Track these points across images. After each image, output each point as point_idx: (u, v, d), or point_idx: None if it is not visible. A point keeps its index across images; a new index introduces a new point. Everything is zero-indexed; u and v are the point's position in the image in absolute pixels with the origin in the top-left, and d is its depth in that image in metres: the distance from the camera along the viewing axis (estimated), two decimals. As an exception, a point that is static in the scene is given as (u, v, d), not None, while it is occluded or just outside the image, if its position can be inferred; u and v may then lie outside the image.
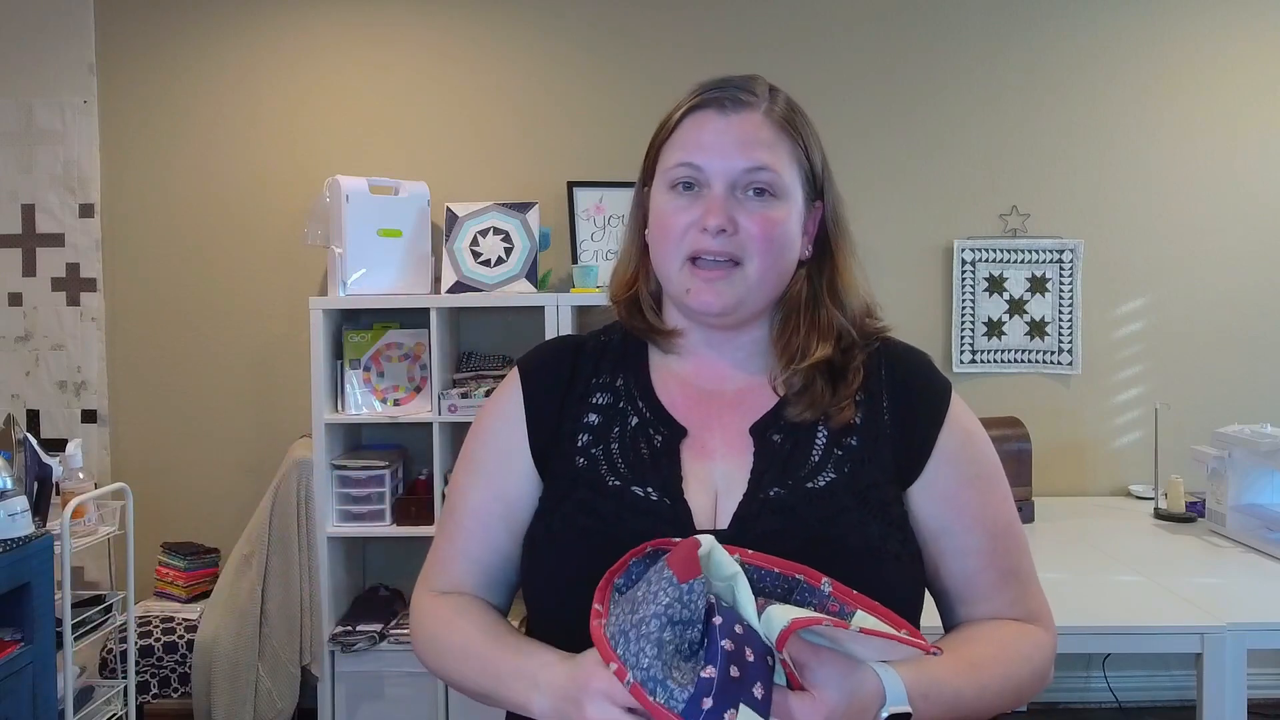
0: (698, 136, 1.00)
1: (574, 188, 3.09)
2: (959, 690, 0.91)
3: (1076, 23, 3.22)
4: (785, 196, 1.00)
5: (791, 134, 1.01)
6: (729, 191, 0.99)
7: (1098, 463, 3.26)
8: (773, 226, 0.99)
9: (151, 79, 3.22)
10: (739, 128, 0.99)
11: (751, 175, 0.99)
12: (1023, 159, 3.23)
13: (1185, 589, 2.17)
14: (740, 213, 0.99)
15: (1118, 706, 3.16)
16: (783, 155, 1.00)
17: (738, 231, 0.98)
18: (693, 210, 0.99)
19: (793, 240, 1.02)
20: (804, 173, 1.02)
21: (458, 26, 3.22)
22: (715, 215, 0.98)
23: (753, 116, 1.00)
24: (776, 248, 1.00)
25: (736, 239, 0.99)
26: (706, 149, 0.99)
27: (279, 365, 3.21)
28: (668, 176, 1.02)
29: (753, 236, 0.98)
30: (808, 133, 1.03)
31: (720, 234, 0.98)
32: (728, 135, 0.99)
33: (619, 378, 1.08)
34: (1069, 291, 3.22)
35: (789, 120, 1.02)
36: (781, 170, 1.00)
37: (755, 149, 0.99)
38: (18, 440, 2.54)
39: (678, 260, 1.01)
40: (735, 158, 0.99)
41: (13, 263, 3.23)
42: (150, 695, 2.89)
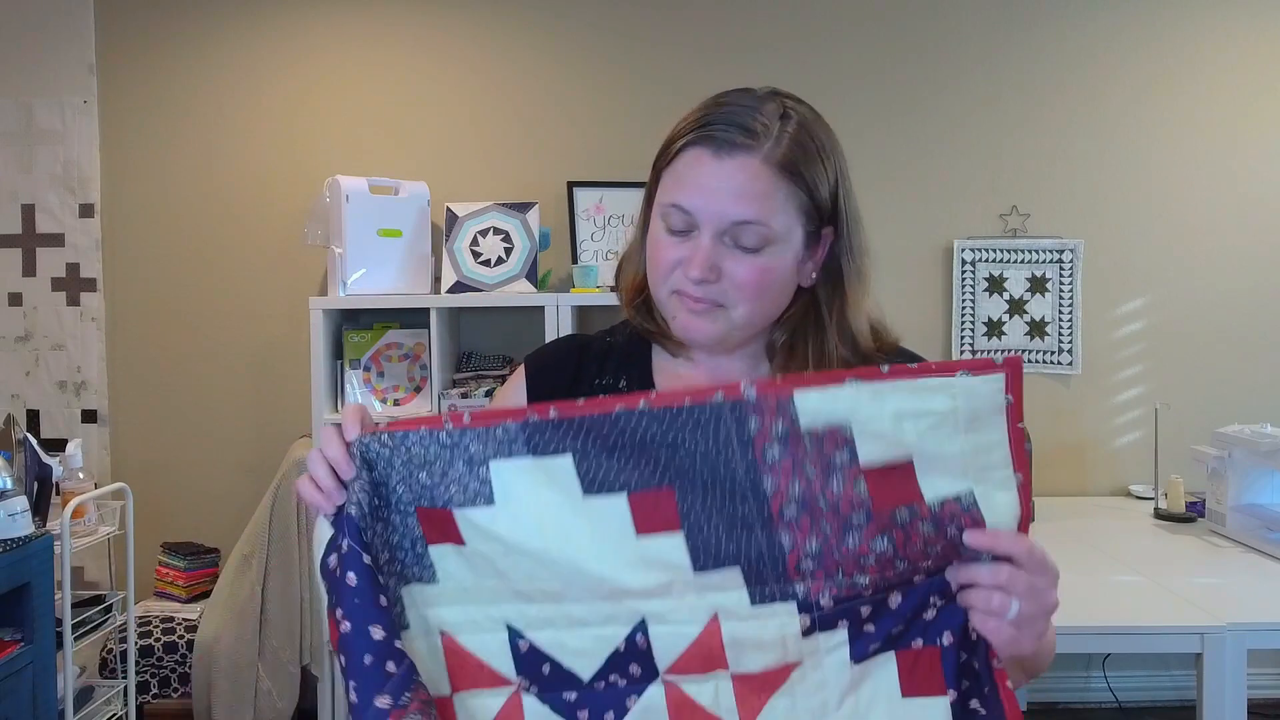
0: (692, 178, 0.97)
1: (574, 188, 3.09)
2: None
3: (1076, 23, 3.22)
4: (778, 244, 0.97)
5: (791, 177, 0.96)
6: (716, 239, 0.96)
7: (1098, 463, 3.26)
8: (760, 275, 0.97)
9: (151, 79, 3.22)
10: (733, 175, 0.95)
11: (740, 228, 0.96)
12: (1023, 159, 3.23)
13: (1185, 589, 2.17)
14: (727, 260, 0.97)
15: (1118, 706, 3.16)
16: (778, 202, 0.96)
17: (720, 279, 0.97)
18: (681, 250, 0.98)
19: (785, 282, 1.00)
20: (805, 212, 0.98)
21: (458, 26, 3.22)
22: (697, 266, 0.96)
23: (749, 163, 0.95)
24: (764, 293, 0.99)
25: (719, 286, 0.97)
26: (698, 193, 0.96)
27: (279, 365, 3.21)
28: (661, 210, 1.00)
29: (738, 284, 0.97)
30: (815, 167, 0.98)
31: (702, 283, 0.97)
32: (721, 182, 0.95)
33: (622, 379, 1.09)
34: (1069, 291, 3.22)
35: (791, 163, 0.96)
36: (773, 219, 0.96)
37: (746, 201, 0.95)
38: (18, 440, 2.54)
39: (664, 290, 1.01)
40: (726, 208, 0.95)
41: (13, 263, 3.23)
42: (150, 695, 2.89)
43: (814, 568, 0.84)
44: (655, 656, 0.88)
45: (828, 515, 0.83)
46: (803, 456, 0.83)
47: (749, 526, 0.84)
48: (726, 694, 0.87)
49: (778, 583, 0.85)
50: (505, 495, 0.87)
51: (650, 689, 0.88)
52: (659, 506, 0.85)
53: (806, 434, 0.82)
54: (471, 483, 0.87)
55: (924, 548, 0.83)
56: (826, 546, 0.83)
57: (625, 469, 0.86)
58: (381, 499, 0.89)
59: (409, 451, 0.88)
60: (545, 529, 0.87)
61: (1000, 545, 0.82)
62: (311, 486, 0.89)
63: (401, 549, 0.90)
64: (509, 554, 0.88)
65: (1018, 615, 0.81)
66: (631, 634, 0.88)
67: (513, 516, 0.87)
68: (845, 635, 0.85)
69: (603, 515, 0.86)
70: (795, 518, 0.83)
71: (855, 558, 0.83)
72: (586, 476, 0.86)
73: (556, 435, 0.86)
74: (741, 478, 0.84)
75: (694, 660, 0.87)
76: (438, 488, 0.88)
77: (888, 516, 0.82)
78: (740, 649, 0.86)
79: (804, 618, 0.85)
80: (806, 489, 0.83)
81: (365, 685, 0.84)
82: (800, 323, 1.03)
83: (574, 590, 0.87)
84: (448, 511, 0.88)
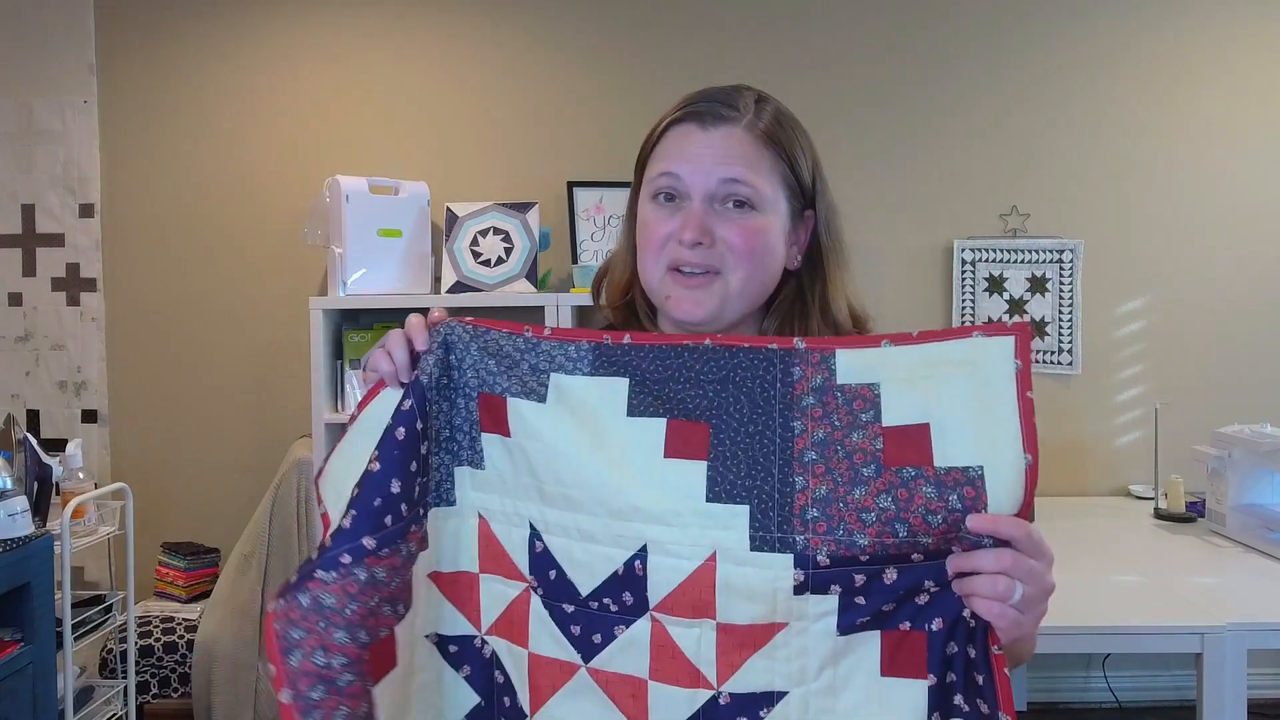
0: (679, 148, 1.02)
1: (574, 188, 3.09)
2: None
3: (1077, 23, 3.22)
4: (765, 209, 1.01)
5: (774, 147, 1.02)
6: (707, 204, 1.00)
7: (1098, 463, 3.26)
8: (752, 237, 1.00)
9: (151, 79, 3.22)
10: (719, 142, 1.01)
11: (729, 188, 1.00)
12: (1023, 159, 3.23)
13: (1185, 589, 2.18)
14: (719, 224, 1.00)
15: (1118, 706, 3.16)
16: (763, 169, 1.01)
17: (714, 244, 1.00)
18: (672, 222, 1.01)
19: (775, 250, 1.03)
20: (789, 184, 1.03)
21: (458, 27, 3.22)
22: (691, 229, 1.00)
23: (733, 131, 1.01)
24: (757, 257, 1.01)
25: (714, 251, 1.00)
26: (686, 160, 1.01)
27: (279, 365, 3.21)
28: (651, 187, 1.04)
29: (731, 247, 1.00)
30: (795, 145, 1.04)
31: (696, 246, 1.00)
32: (707, 148, 1.01)
33: None
34: (1069, 291, 3.23)
35: (772, 134, 1.02)
36: (760, 184, 1.01)
37: (734, 163, 1.00)
38: (18, 440, 2.54)
39: (659, 270, 1.03)
40: (713, 170, 1.00)
41: (13, 263, 3.23)
42: (150, 695, 2.89)
43: (818, 516, 0.85)
44: (648, 588, 0.89)
45: (842, 463, 0.86)
46: (833, 408, 0.88)
47: (768, 465, 0.88)
48: (709, 644, 0.88)
49: (780, 529, 0.86)
50: (556, 398, 0.93)
51: (638, 623, 0.90)
52: (692, 436, 0.90)
53: (840, 388, 0.88)
54: (531, 381, 0.94)
55: (925, 513, 0.84)
56: (834, 493, 0.85)
57: (673, 399, 0.91)
58: (451, 380, 0.96)
59: (485, 341, 0.96)
60: (581, 437, 0.92)
61: (1002, 529, 0.83)
62: (384, 356, 0.96)
63: (461, 431, 0.97)
64: (544, 453, 0.93)
65: (1021, 599, 0.83)
66: (631, 559, 0.90)
67: (555, 419, 0.93)
68: (835, 604, 0.86)
69: (638, 433, 0.91)
70: (813, 462, 0.87)
71: (858, 510, 0.84)
72: (635, 399, 0.92)
73: (620, 360, 0.93)
74: (775, 416, 0.89)
75: (684, 599, 0.88)
76: (500, 377, 0.95)
77: (895, 474, 0.85)
78: (731, 595, 0.87)
79: (798, 573, 0.85)
80: (829, 435, 0.87)
81: (362, 521, 0.90)
82: (789, 309, 1.06)
83: (590, 502, 0.91)
84: (503, 400, 0.95)
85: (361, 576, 0.89)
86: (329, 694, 0.87)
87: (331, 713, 0.87)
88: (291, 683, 0.87)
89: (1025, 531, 0.83)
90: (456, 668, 0.99)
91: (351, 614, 0.89)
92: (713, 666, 0.88)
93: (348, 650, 0.89)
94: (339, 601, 0.88)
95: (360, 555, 0.89)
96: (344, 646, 0.88)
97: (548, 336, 0.96)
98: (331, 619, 0.88)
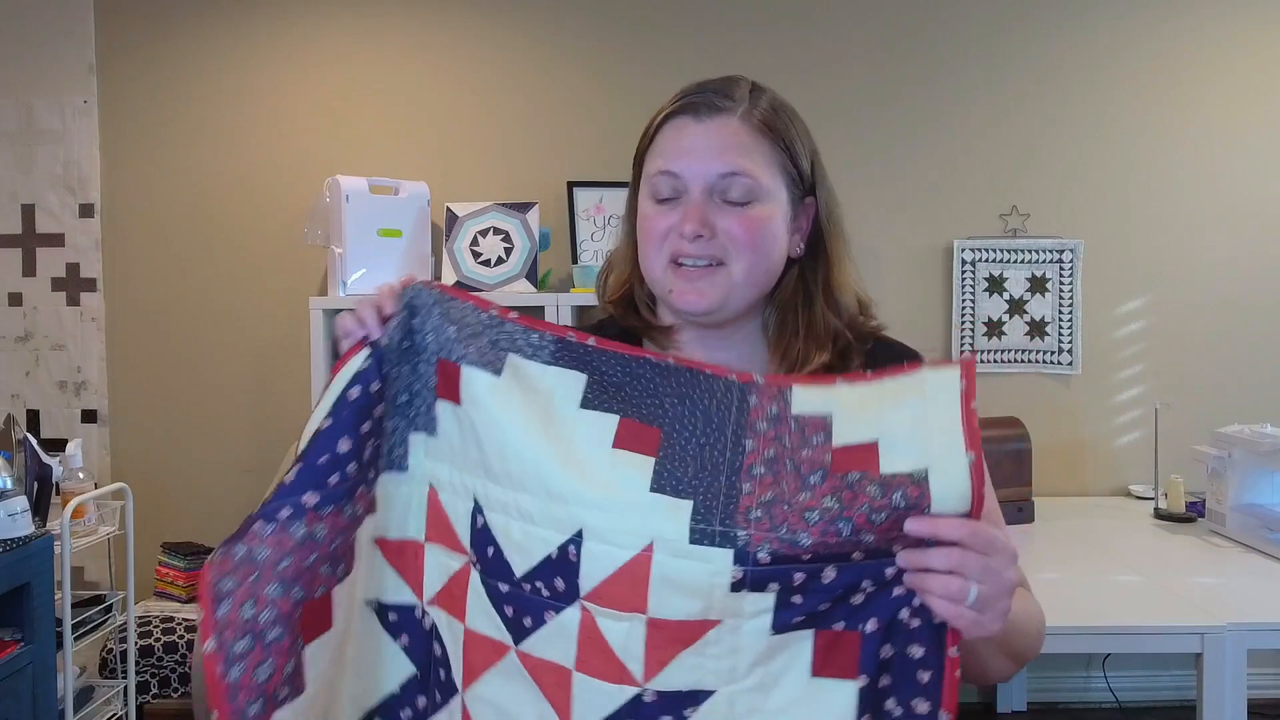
0: (675, 143, 1.02)
1: (574, 188, 3.09)
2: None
3: (1077, 23, 3.22)
4: (766, 198, 1.01)
5: (771, 136, 1.02)
6: (707, 196, 1.00)
7: (1098, 463, 3.26)
8: (754, 226, 1.00)
9: (151, 79, 3.22)
10: (715, 133, 1.00)
11: (728, 180, 1.00)
12: (1023, 159, 3.23)
13: (1185, 589, 2.18)
14: (719, 216, 1.00)
15: (1118, 706, 3.16)
16: (761, 158, 1.01)
17: (715, 235, 1.00)
18: (672, 216, 1.01)
19: (778, 238, 1.03)
20: (788, 173, 1.03)
21: (458, 27, 3.22)
22: (691, 221, 0.99)
23: (729, 122, 1.01)
24: (760, 247, 1.01)
25: (716, 242, 1.00)
26: (683, 155, 1.01)
27: (279, 365, 3.21)
28: (649, 184, 1.04)
29: (733, 238, 1.00)
30: (792, 133, 1.04)
31: (698, 239, 1.00)
32: (703, 141, 1.00)
33: None
34: (1069, 291, 3.22)
35: (768, 123, 1.02)
36: (759, 173, 1.00)
37: (731, 154, 1.00)
38: (18, 440, 2.54)
39: (660, 263, 1.03)
40: (711, 163, 1.00)
41: (13, 263, 3.23)
42: (150, 695, 2.89)
43: (761, 516, 0.84)
44: (580, 575, 0.88)
45: (789, 474, 0.86)
46: (784, 432, 0.88)
47: (716, 471, 0.88)
48: (637, 640, 0.86)
49: (722, 523, 0.85)
50: (511, 375, 0.93)
51: (568, 610, 0.89)
52: (644, 435, 0.90)
53: (795, 417, 0.89)
54: (489, 354, 0.94)
55: (869, 511, 0.83)
56: (779, 498, 0.85)
57: (629, 401, 0.92)
58: (413, 344, 0.95)
59: (448, 307, 0.96)
60: (530, 416, 0.91)
61: (941, 531, 0.82)
62: (354, 319, 0.96)
63: (420, 396, 0.96)
64: (489, 426, 0.92)
65: (977, 599, 0.81)
66: (565, 544, 0.88)
67: (507, 394, 0.92)
68: (772, 602, 0.85)
69: (589, 424, 0.91)
70: (761, 475, 0.87)
71: (802, 510, 0.84)
72: (591, 394, 0.92)
73: (582, 357, 0.94)
74: (728, 434, 0.89)
75: (617, 589, 0.87)
76: (458, 344, 0.94)
77: (840, 478, 0.84)
78: (665, 588, 0.86)
79: (738, 569, 0.84)
80: (778, 454, 0.87)
81: (306, 478, 0.89)
82: (791, 298, 1.06)
83: (530, 481, 0.90)
84: (458, 366, 0.94)
85: (299, 533, 0.88)
86: (254, 647, 0.85)
87: (256, 666, 0.85)
88: (218, 632, 0.85)
89: (969, 531, 0.81)
90: (394, 636, 0.98)
91: (285, 569, 0.88)
92: (640, 663, 0.87)
93: (278, 604, 0.87)
94: (273, 555, 0.87)
95: (300, 511, 0.89)
96: (274, 600, 0.87)
97: (513, 319, 0.96)
98: (264, 572, 0.87)
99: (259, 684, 0.85)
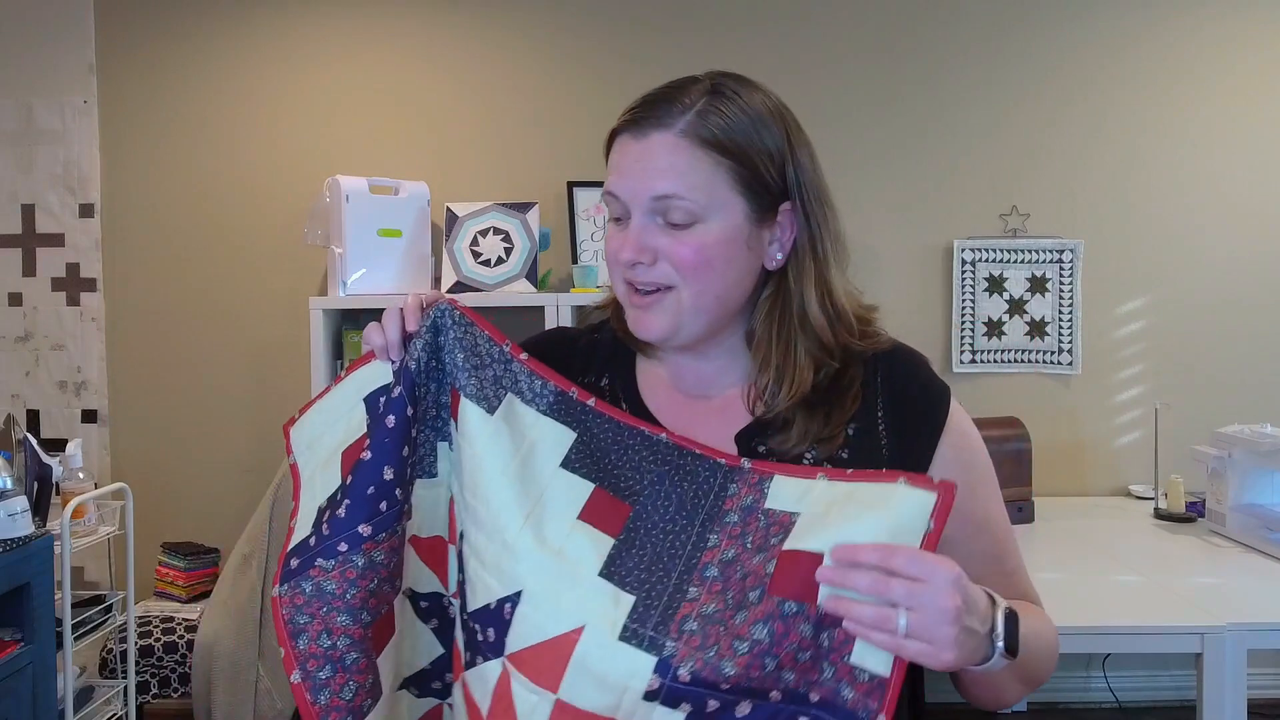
0: (618, 162, 0.98)
1: (574, 188, 3.09)
2: (1027, 620, 0.89)
3: (1077, 23, 3.22)
4: (712, 217, 0.94)
5: (719, 150, 0.94)
6: (648, 219, 0.95)
7: (1098, 463, 3.26)
8: (698, 252, 0.94)
9: (151, 79, 3.22)
10: (651, 153, 0.95)
11: (664, 203, 0.94)
12: (1023, 159, 3.23)
13: (1185, 589, 2.17)
14: (661, 239, 0.95)
15: (1118, 706, 3.16)
16: (702, 177, 0.94)
17: (656, 261, 0.96)
18: (619, 238, 0.98)
19: (731, 259, 0.96)
20: (744, 183, 0.95)
21: (458, 27, 3.22)
22: (628, 249, 0.96)
23: (665, 139, 0.94)
24: (707, 271, 0.95)
25: (658, 268, 0.96)
26: (623, 176, 0.96)
27: (279, 365, 3.21)
28: (605, 203, 1.01)
29: (677, 263, 0.95)
30: (752, 141, 0.95)
31: (636, 266, 0.96)
32: (639, 163, 0.95)
33: (605, 378, 1.08)
34: (1069, 291, 3.22)
35: (717, 137, 0.94)
36: (698, 194, 0.93)
37: (665, 177, 0.94)
38: (18, 440, 2.54)
39: (621, 288, 1.01)
40: (645, 185, 0.95)
41: (13, 263, 3.23)
42: (150, 695, 2.89)
43: (695, 631, 0.83)
44: (509, 633, 0.89)
45: (735, 584, 0.84)
46: (752, 529, 0.87)
47: (671, 567, 0.87)
48: (542, 717, 0.86)
49: (655, 628, 0.84)
50: (505, 415, 0.95)
51: (492, 662, 0.91)
52: (613, 511, 0.91)
53: (766, 512, 0.88)
54: (489, 389, 0.96)
55: (796, 650, 0.81)
56: (719, 614, 0.83)
57: (608, 471, 0.93)
58: (439, 361, 0.99)
59: (464, 333, 0.99)
60: (508, 464, 0.93)
61: (860, 556, 0.79)
62: (378, 332, 0.99)
63: (445, 409, 1.00)
64: (472, 461, 0.94)
65: (910, 627, 0.78)
66: (504, 599, 0.90)
67: (495, 433, 0.94)
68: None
69: (564, 486, 0.92)
70: (712, 579, 0.86)
71: (734, 637, 0.82)
72: (574, 455, 0.94)
73: (577, 415, 0.96)
74: (696, 525, 0.89)
75: (537, 660, 0.87)
76: (463, 373, 0.97)
77: (777, 605, 0.82)
78: (582, 674, 0.85)
79: (655, 679, 0.82)
80: (736, 555, 0.86)
81: (357, 510, 0.93)
82: (770, 309, 1.00)
83: (491, 527, 0.92)
84: (459, 395, 0.97)
85: (360, 563, 0.93)
86: (336, 672, 0.92)
87: (340, 688, 0.92)
88: (300, 664, 0.92)
89: (886, 552, 0.78)
90: (425, 621, 1.04)
91: (352, 598, 0.93)
92: None
93: (351, 631, 0.93)
94: (339, 587, 0.92)
95: (357, 543, 0.93)
96: (347, 628, 0.93)
97: (522, 360, 0.98)
98: (333, 604, 0.92)
99: (346, 702, 0.92)
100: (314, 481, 1.02)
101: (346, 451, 1.00)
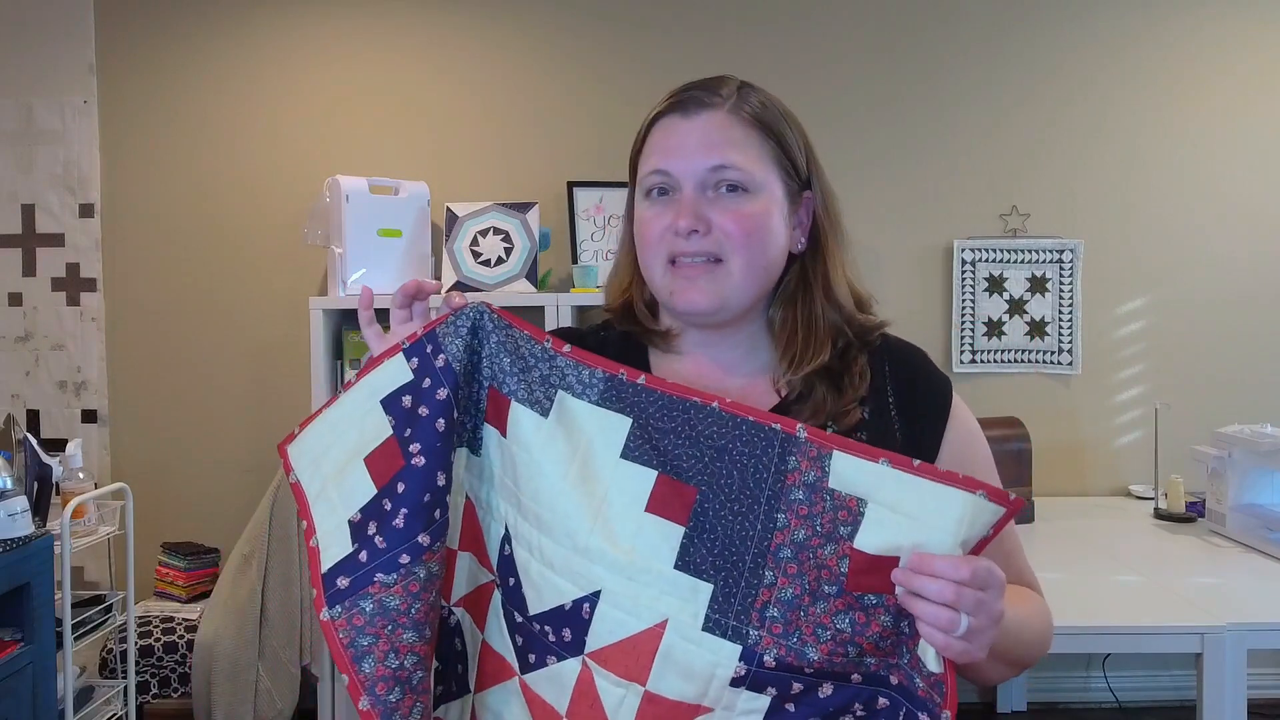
0: (665, 142, 1.01)
1: (574, 188, 3.09)
2: (1016, 609, 0.93)
3: (1077, 24, 3.22)
4: (760, 191, 1.00)
5: (761, 128, 1.01)
6: (699, 192, 0.99)
7: (1098, 463, 3.26)
8: (749, 221, 0.99)
9: (151, 79, 3.22)
10: (703, 128, 1.00)
11: (719, 174, 0.99)
12: (1023, 159, 3.23)
13: (1185, 589, 2.18)
14: (713, 211, 0.99)
15: (1118, 706, 3.16)
16: (752, 151, 1.00)
17: (711, 230, 0.99)
18: (666, 215, 1.00)
19: (774, 233, 1.01)
20: (782, 166, 1.02)
21: (458, 27, 3.22)
22: (685, 217, 0.98)
23: (716, 116, 1.00)
24: (757, 241, 0.99)
25: (711, 238, 0.99)
26: (673, 153, 1.00)
27: (279, 365, 3.21)
28: (643, 185, 1.03)
29: (729, 233, 0.99)
30: (784, 126, 1.03)
31: (693, 235, 0.99)
32: (692, 137, 1.00)
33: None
34: (1069, 291, 3.22)
35: (759, 117, 1.01)
36: (750, 166, 0.99)
37: (720, 148, 0.99)
38: (18, 440, 2.54)
39: (659, 264, 1.02)
40: (700, 158, 0.99)
41: (13, 263, 3.23)
42: (150, 695, 2.89)
43: (776, 618, 0.84)
44: (590, 632, 0.89)
45: (811, 571, 0.85)
46: (818, 510, 0.86)
47: (743, 549, 0.86)
48: (630, 709, 0.87)
49: (737, 618, 0.85)
50: (558, 417, 0.93)
51: (570, 660, 0.90)
52: (678, 498, 0.89)
53: (831, 492, 0.86)
54: (539, 391, 0.94)
55: (878, 639, 0.84)
56: (798, 600, 0.84)
57: (669, 453, 0.90)
58: (475, 365, 0.97)
59: (506, 336, 0.97)
60: (571, 464, 0.91)
61: (940, 572, 0.82)
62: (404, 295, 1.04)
63: (468, 414, 0.98)
64: (529, 467, 0.93)
65: (967, 630, 0.81)
66: (581, 599, 0.89)
67: (550, 437, 0.92)
68: (766, 704, 0.85)
69: (626, 478, 0.90)
70: (786, 560, 0.85)
71: (815, 625, 0.83)
72: (633, 442, 0.91)
73: (630, 398, 0.93)
74: (762, 503, 0.87)
75: (622, 655, 0.87)
76: (510, 377, 0.96)
77: (856, 599, 0.84)
78: (668, 667, 0.86)
79: (741, 666, 0.84)
80: (807, 539, 0.85)
81: (415, 519, 0.90)
82: (793, 294, 1.05)
83: (559, 530, 0.91)
84: (508, 400, 0.95)
85: (421, 574, 0.90)
86: (405, 694, 0.88)
87: (410, 710, 0.89)
88: (368, 689, 0.88)
89: (969, 572, 0.81)
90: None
91: (417, 613, 0.90)
92: None
93: (417, 649, 0.90)
94: (403, 602, 0.89)
95: (418, 553, 0.90)
96: (413, 645, 0.89)
97: (566, 354, 0.96)
98: (399, 620, 0.89)
99: None
100: (328, 494, 0.96)
101: (371, 457, 0.95)
